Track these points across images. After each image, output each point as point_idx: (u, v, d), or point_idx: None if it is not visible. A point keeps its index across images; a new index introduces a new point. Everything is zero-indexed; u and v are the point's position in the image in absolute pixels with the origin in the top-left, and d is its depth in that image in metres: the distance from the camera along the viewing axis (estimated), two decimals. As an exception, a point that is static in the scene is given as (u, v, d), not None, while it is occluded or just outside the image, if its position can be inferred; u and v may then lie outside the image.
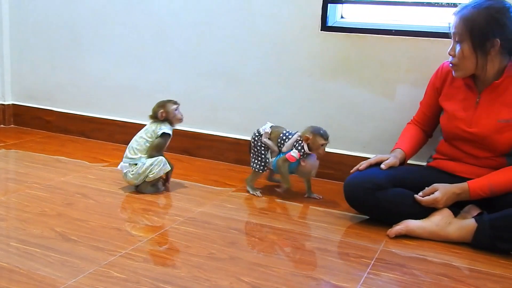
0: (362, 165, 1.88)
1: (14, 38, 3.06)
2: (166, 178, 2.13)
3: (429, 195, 1.76)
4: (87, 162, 2.46)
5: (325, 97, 2.38)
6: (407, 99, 2.18)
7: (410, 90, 2.19)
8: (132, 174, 2.03)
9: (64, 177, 2.22)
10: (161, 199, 2.04)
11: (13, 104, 3.12)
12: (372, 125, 2.31)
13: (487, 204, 1.74)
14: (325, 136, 2.02)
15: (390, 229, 1.77)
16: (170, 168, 2.07)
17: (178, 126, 2.31)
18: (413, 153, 1.98)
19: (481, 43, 1.68)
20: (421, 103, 2.01)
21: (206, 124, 2.63)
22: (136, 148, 2.03)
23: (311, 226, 1.85)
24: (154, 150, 2.03)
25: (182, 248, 1.60)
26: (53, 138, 2.91)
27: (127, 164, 2.03)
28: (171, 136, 2.07)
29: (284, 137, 2.06)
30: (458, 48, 1.73)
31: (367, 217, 1.91)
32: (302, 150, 2.02)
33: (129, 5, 2.72)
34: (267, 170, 2.16)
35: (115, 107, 2.85)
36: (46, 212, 1.82)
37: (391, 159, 1.87)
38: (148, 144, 2.05)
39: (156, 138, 2.03)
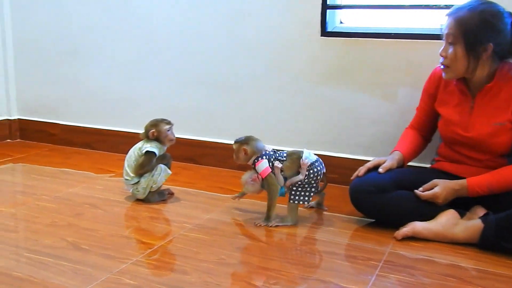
0: (361, 171, 1.88)
1: (18, 55, 3.08)
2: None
3: (429, 190, 1.77)
4: (93, 173, 2.48)
5: (325, 102, 2.38)
6: (408, 101, 2.18)
7: (411, 93, 2.19)
8: (137, 192, 2.06)
9: (72, 188, 2.24)
10: (168, 207, 2.05)
11: (18, 119, 3.14)
12: (374, 129, 2.31)
13: (493, 203, 1.74)
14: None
15: (397, 232, 1.78)
16: (170, 173, 2.09)
17: (181, 135, 2.34)
18: (412, 156, 1.99)
19: (474, 47, 1.69)
20: (417, 109, 2.02)
21: (207, 132, 2.63)
22: (128, 170, 2.05)
23: (317, 229, 1.86)
24: (139, 169, 2.02)
25: (192, 254, 1.61)
26: (58, 150, 2.93)
27: (130, 184, 2.06)
28: (157, 155, 2.04)
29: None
30: (450, 49, 1.73)
31: (373, 220, 1.92)
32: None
33: (123, 18, 2.74)
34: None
35: (117, 118, 2.86)
36: (56, 223, 1.84)
37: (388, 161, 1.88)
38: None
39: (141, 156, 2.03)
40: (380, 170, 1.85)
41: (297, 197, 1.86)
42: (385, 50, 2.24)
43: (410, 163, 2.05)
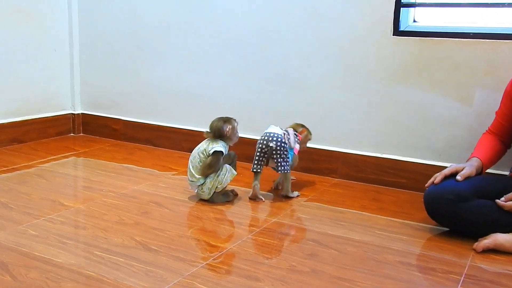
0: (437, 178, 1.81)
1: (83, 49, 3.14)
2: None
3: None
4: (156, 171, 2.49)
5: (395, 103, 2.32)
6: (486, 104, 2.10)
7: (489, 95, 2.10)
8: (202, 192, 2.04)
9: (137, 185, 2.25)
10: (234, 208, 2.03)
11: (82, 113, 3.21)
12: (448, 132, 2.24)
13: None
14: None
15: (476, 243, 1.70)
16: (236, 173, 2.06)
17: (246, 134, 2.32)
18: (490, 163, 1.90)
19: None
20: (497, 112, 1.94)
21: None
22: (193, 171, 2.02)
23: (389, 238, 1.79)
24: (206, 169, 2.00)
25: (262, 260, 1.58)
26: (121, 146, 2.96)
27: (195, 185, 2.04)
28: (224, 154, 2.02)
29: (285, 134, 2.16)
30: None
31: (448, 229, 1.84)
32: (298, 141, 2.20)
33: (192, 11, 2.74)
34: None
35: (179, 115, 2.87)
36: (124, 221, 1.84)
37: (466, 168, 1.80)
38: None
39: (208, 156, 2.00)
40: (458, 177, 1.78)
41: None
42: (462, 50, 2.16)
43: (487, 170, 1.96)
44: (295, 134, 2.18)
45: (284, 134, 2.10)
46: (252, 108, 2.64)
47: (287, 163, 2.08)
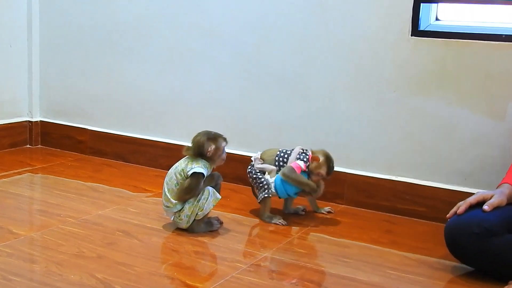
0: (461, 207, 1.81)
1: (43, 45, 3.13)
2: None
3: None
4: (127, 192, 2.48)
5: (414, 117, 2.33)
6: None
7: None
8: (180, 220, 2.03)
9: (102, 209, 2.23)
10: (217, 240, 2.02)
11: (41, 121, 3.19)
12: (475, 152, 2.24)
13: None
14: (331, 172, 2.19)
15: (507, 286, 1.68)
16: (220, 197, 2.05)
17: (236, 150, 2.32)
18: None
19: None
20: None
21: (268, 147, 2.56)
22: (169, 195, 2.01)
23: (402, 279, 1.77)
24: (184, 194, 1.99)
25: (248, 304, 1.56)
26: (86, 161, 2.95)
27: (171, 212, 2.03)
28: (205, 177, 2.01)
29: (282, 154, 2.20)
30: None
31: (472, 268, 1.83)
32: (308, 163, 2.16)
33: (176, 3, 2.74)
34: (276, 197, 2.22)
35: (157, 126, 2.87)
36: (84, 254, 1.82)
37: (496, 197, 1.79)
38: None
39: (187, 178, 1.99)
40: (486, 207, 1.77)
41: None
42: (493, 55, 2.16)
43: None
44: (304, 152, 2.19)
45: (257, 158, 2.22)
46: (244, 119, 2.65)
47: (262, 190, 2.18)
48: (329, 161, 2.17)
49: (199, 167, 2.00)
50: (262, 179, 2.18)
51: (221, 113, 2.69)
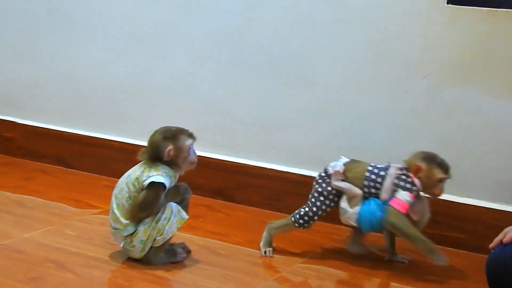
0: (508, 234, 1.78)
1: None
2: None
3: None
4: (66, 207, 2.44)
5: (449, 112, 2.33)
6: None
7: None
8: (132, 247, 1.99)
9: (29, 232, 2.18)
10: (181, 275, 1.98)
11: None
12: (531, 160, 2.27)
13: None
14: (445, 168, 2.03)
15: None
16: (186, 217, 2.05)
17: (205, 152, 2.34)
18: None
19: None
20: None
21: (257, 152, 2.62)
22: (117, 212, 2.00)
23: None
24: (137, 211, 1.97)
25: None
26: (14, 165, 2.93)
27: (120, 236, 2.01)
28: (167, 188, 1.99)
29: (374, 176, 2.06)
30: None
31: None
32: (414, 188, 2.02)
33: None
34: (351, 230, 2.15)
35: (112, 120, 2.88)
36: (-3, 294, 1.76)
37: None
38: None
39: (142, 190, 1.98)
40: None
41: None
42: None
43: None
44: (404, 173, 2.05)
45: (338, 171, 2.10)
46: (226, 113, 2.65)
47: (301, 212, 2.12)
48: (431, 159, 2.03)
49: (158, 175, 1.98)
50: (325, 204, 2.10)
51: (196, 105, 2.70)
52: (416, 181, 2.02)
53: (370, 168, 2.08)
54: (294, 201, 2.46)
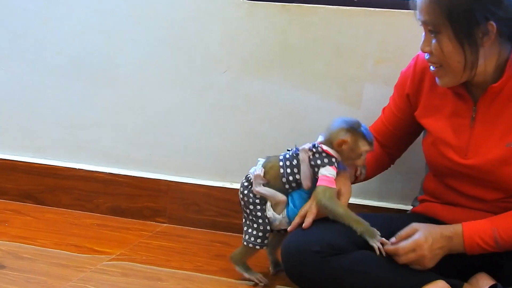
0: (308, 218, 1.84)
1: None
2: None
3: (406, 239, 1.74)
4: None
5: (252, 104, 2.37)
6: (379, 104, 2.14)
7: (383, 91, 2.17)
8: None
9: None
10: None
11: None
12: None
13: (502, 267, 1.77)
14: (369, 140, 1.89)
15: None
16: None
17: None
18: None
19: (468, 30, 1.68)
20: (384, 109, 2.07)
21: (64, 153, 2.59)
22: None
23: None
24: None
25: None
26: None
27: None
28: None
29: (289, 170, 1.94)
30: (434, 41, 1.74)
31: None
32: (333, 160, 1.89)
33: None
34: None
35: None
36: None
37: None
38: None
39: None
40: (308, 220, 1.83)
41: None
42: (345, 24, 2.24)
43: (377, 204, 2.18)
44: (316, 148, 1.91)
45: (258, 175, 1.95)
46: (28, 114, 2.60)
47: (253, 231, 1.96)
48: (356, 128, 1.88)
49: None
50: (259, 214, 1.95)
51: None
52: (333, 151, 1.88)
53: (281, 163, 1.94)
54: (105, 201, 2.54)
